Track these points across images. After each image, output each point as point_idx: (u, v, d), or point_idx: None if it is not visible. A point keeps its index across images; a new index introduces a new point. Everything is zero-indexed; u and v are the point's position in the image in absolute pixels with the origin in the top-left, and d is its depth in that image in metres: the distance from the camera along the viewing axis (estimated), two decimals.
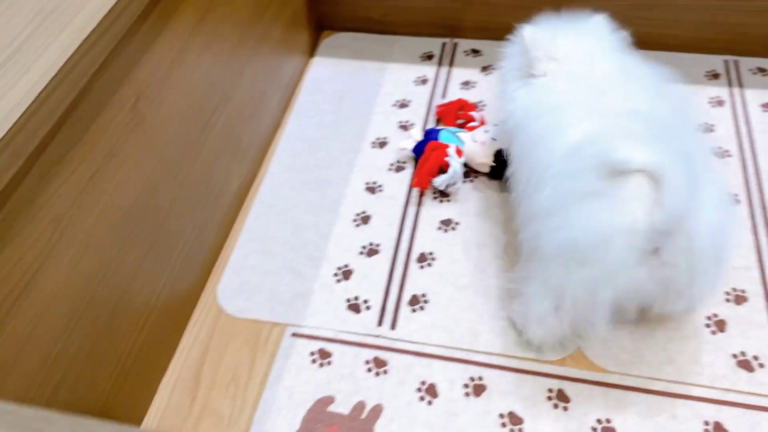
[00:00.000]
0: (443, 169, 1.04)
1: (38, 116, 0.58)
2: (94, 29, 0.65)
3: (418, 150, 1.08)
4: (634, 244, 0.67)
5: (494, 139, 1.03)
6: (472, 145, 1.05)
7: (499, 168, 1.04)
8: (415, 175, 1.07)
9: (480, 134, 1.05)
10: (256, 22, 1.06)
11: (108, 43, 0.67)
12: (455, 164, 1.03)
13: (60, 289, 0.65)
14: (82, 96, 0.64)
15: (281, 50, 1.18)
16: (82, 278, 0.69)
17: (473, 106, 1.13)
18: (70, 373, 0.68)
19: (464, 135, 1.07)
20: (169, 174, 0.83)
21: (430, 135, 1.08)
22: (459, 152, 1.05)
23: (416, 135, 1.10)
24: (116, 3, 0.67)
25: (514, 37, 0.89)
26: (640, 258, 0.68)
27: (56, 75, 0.60)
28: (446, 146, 1.04)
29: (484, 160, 1.04)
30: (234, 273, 0.99)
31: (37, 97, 0.58)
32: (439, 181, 1.04)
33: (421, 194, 1.07)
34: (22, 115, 0.56)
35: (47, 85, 0.59)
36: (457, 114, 1.13)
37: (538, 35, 0.83)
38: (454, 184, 1.05)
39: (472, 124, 1.10)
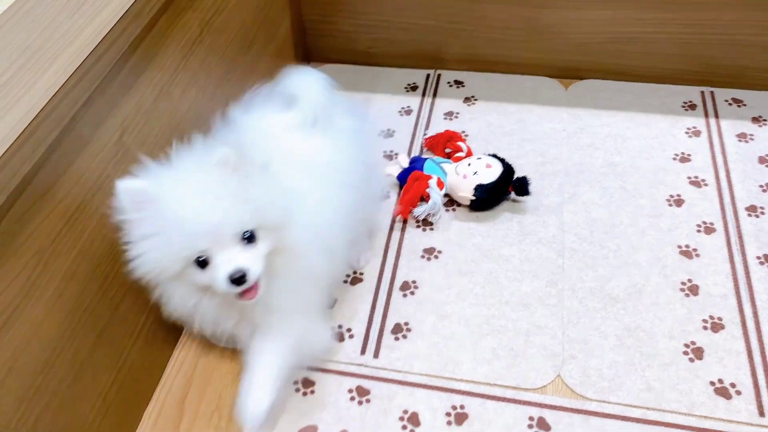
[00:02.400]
0: (425, 199, 1.06)
1: (21, 153, 0.59)
2: (79, 67, 0.66)
3: (403, 178, 1.10)
4: None
5: (476, 173, 1.05)
6: (454, 178, 1.07)
7: (479, 202, 1.05)
8: (397, 203, 1.09)
9: (463, 167, 1.07)
10: (243, 55, 1.09)
11: (92, 80, 0.69)
12: (435, 196, 1.05)
13: (43, 321, 0.66)
14: (67, 131, 0.66)
15: (267, 83, 1.20)
16: (65, 311, 0.70)
17: (461, 137, 1.15)
18: (52, 405, 0.69)
19: (448, 166, 1.09)
20: None
21: (415, 163, 1.10)
22: (440, 184, 1.06)
23: (403, 162, 1.12)
24: (99, 43, 0.68)
25: None
26: None
27: (40, 113, 0.61)
28: (428, 177, 1.06)
29: (464, 193, 1.06)
30: None
31: (20, 135, 0.59)
32: (419, 211, 1.06)
33: (404, 223, 1.08)
34: (5, 152, 0.58)
35: (31, 122, 0.60)
36: (446, 145, 1.15)
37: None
38: (434, 214, 1.07)
39: (458, 154, 1.12)
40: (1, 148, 0.58)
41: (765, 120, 1.20)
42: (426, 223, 1.08)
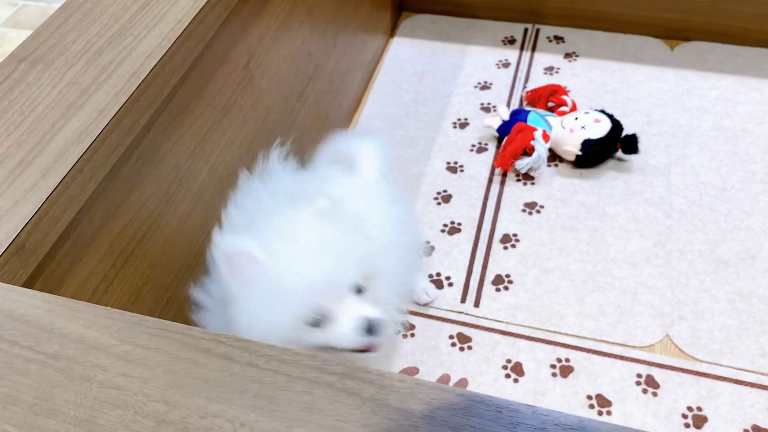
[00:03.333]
0: (527, 151, 1.04)
1: (173, 63, 0.59)
2: None
3: (503, 130, 1.07)
4: None
5: (583, 128, 1.02)
6: (560, 131, 1.04)
7: (585, 157, 1.03)
8: (498, 155, 1.06)
9: (570, 121, 1.04)
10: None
11: (228, 2, 0.68)
12: (540, 148, 1.03)
13: (174, 238, 0.66)
14: (208, 47, 0.65)
15: (365, 29, 1.19)
16: (192, 231, 0.70)
17: (565, 91, 1.12)
18: (177, 320, 0.69)
19: (553, 119, 1.06)
20: (268, 138, 0.84)
21: (517, 116, 1.07)
22: (546, 137, 1.04)
23: (503, 114, 1.10)
24: None
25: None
26: None
27: (189, 24, 0.61)
28: (533, 129, 1.04)
29: (570, 147, 1.03)
30: None
31: (172, 45, 0.59)
32: (522, 164, 1.03)
33: (504, 176, 1.06)
34: (159, 60, 0.58)
35: (182, 33, 0.60)
36: (549, 99, 1.12)
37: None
38: (537, 168, 1.04)
39: (563, 108, 1.09)
40: (155, 57, 0.58)
41: None
42: (526, 177, 1.05)
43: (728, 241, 0.95)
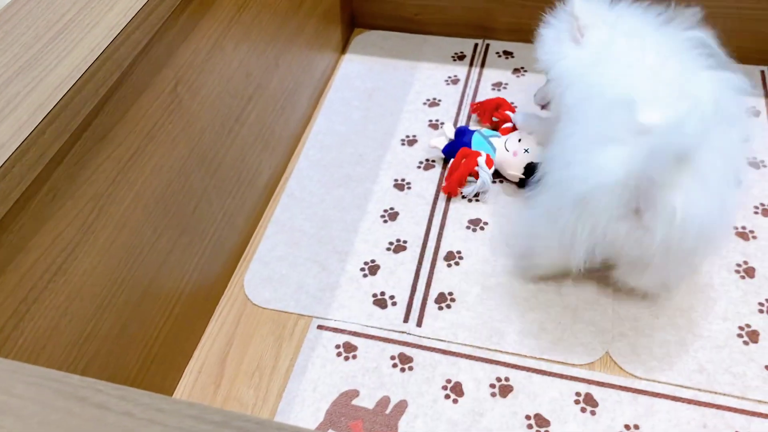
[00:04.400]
0: (473, 175, 1.04)
1: (84, 93, 0.58)
2: (140, 11, 0.65)
3: (449, 151, 1.07)
4: (616, 197, 0.72)
5: (527, 151, 1.02)
6: (503, 154, 1.04)
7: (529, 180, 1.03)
8: (445, 180, 1.06)
9: (513, 143, 1.04)
10: (293, 15, 1.07)
11: (152, 24, 0.67)
12: (484, 175, 1.03)
13: (95, 268, 0.65)
14: (126, 75, 0.65)
15: (314, 45, 1.18)
16: (116, 259, 0.69)
17: (510, 106, 1.12)
18: (101, 353, 0.68)
19: (497, 141, 1.06)
20: (203, 160, 0.84)
21: (462, 136, 1.07)
22: (489, 162, 1.03)
23: (448, 132, 1.09)
24: None
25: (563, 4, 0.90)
26: (620, 213, 0.73)
27: (102, 53, 0.60)
28: (477, 154, 1.03)
29: (514, 171, 1.03)
30: (261, 264, 0.98)
31: (83, 75, 0.58)
32: (468, 191, 1.04)
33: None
34: (68, 91, 0.57)
35: (94, 62, 0.59)
36: (493, 113, 1.12)
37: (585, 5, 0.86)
38: (484, 192, 1.05)
39: (507, 125, 1.09)
40: (64, 87, 0.57)
41: None
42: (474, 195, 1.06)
43: None
